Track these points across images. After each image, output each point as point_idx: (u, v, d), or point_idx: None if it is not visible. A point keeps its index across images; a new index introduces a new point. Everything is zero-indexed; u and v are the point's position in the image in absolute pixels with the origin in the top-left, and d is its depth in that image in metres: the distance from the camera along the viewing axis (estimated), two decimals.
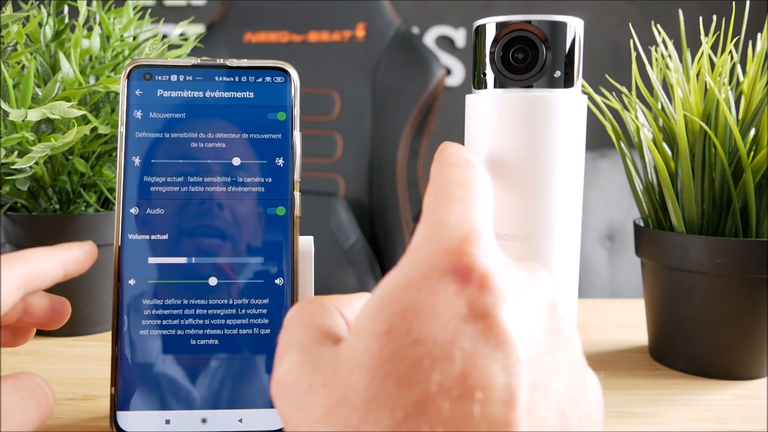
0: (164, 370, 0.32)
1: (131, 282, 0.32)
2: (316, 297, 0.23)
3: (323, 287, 1.25)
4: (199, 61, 0.34)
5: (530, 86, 0.33)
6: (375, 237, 1.41)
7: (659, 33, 0.48)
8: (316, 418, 0.19)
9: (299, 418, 0.20)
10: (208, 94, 0.34)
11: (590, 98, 0.44)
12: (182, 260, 0.33)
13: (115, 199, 0.33)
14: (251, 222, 0.33)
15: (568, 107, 0.33)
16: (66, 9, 0.53)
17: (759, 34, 0.45)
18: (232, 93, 0.34)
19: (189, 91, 0.34)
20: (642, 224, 0.49)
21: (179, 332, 0.32)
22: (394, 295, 0.19)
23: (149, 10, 0.62)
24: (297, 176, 0.34)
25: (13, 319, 0.31)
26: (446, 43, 2.17)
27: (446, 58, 2.16)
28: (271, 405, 0.32)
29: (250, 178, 0.33)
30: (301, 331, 0.22)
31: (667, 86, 0.48)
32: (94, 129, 0.50)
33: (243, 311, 0.32)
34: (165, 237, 0.33)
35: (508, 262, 0.21)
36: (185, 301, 0.32)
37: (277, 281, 0.33)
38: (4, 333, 0.32)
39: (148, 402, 0.31)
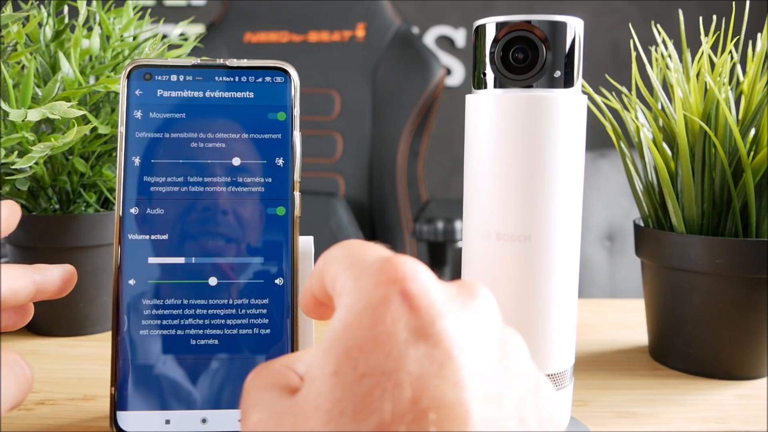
0: (164, 370, 0.32)
1: (131, 282, 0.32)
2: (266, 362, 0.24)
3: None
4: (199, 61, 0.34)
5: (530, 86, 0.33)
6: (375, 237, 1.41)
7: (659, 33, 0.48)
8: None
9: None
10: (208, 94, 0.34)
11: (590, 98, 0.44)
12: (182, 260, 0.33)
13: (115, 199, 0.33)
14: (251, 222, 0.33)
15: (568, 107, 0.32)
16: (66, 9, 0.53)
17: (759, 34, 0.45)
18: (232, 93, 0.34)
19: (189, 91, 0.34)
20: (642, 224, 0.49)
21: (179, 332, 0.32)
22: (336, 338, 0.20)
23: (149, 10, 0.62)
24: (297, 176, 0.34)
25: None
26: (446, 43, 2.17)
27: (446, 58, 2.16)
28: None
29: (250, 178, 0.33)
30: (258, 393, 0.22)
31: (667, 86, 0.48)
32: (94, 129, 0.50)
33: (243, 311, 0.32)
34: (165, 237, 0.33)
35: (438, 282, 0.21)
36: (185, 301, 0.32)
37: (277, 281, 0.33)
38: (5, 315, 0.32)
39: (148, 402, 0.31)
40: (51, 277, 0.31)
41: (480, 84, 0.34)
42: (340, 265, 0.22)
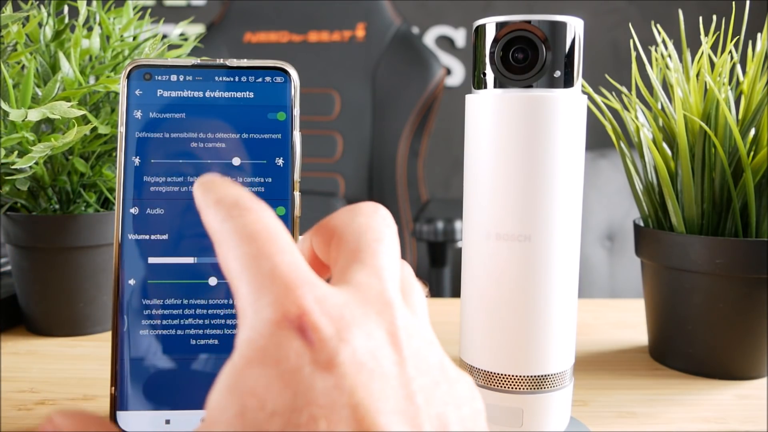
0: (164, 370, 0.32)
1: (131, 282, 0.32)
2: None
3: None
4: (199, 61, 0.34)
5: (530, 86, 0.33)
6: None
7: (659, 33, 0.48)
8: None
9: None
10: (208, 94, 0.34)
11: (590, 98, 0.44)
12: (182, 260, 0.33)
13: (115, 199, 0.33)
14: None
15: (568, 107, 0.33)
16: (66, 9, 0.53)
17: (759, 34, 0.45)
18: (232, 93, 0.34)
19: (189, 91, 0.34)
20: (642, 224, 0.49)
21: (179, 332, 0.32)
22: (239, 376, 0.19)
23: (149, 10, 0.62)
24: (297, 176, 0.33)
25: None
26: (446, 43, 2.17)
27: (446, 58, 2.16)
28: None
29: (250, 178, 0.33)
30: None
31: (667, 86, 0.48)
32: (94, 129, 0.50)
33: None
34: (165, 237, 0.33)
35: (335, 294, 0.20)
36: (185, 301, 0.32)
37: None
38: None
39: (148, 402, 0.31)
40: None
41: (480, 84, 0.34)
42: (237, 273, 0.21)
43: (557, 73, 0.33)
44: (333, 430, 0.17)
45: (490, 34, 0.33)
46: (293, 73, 0.34)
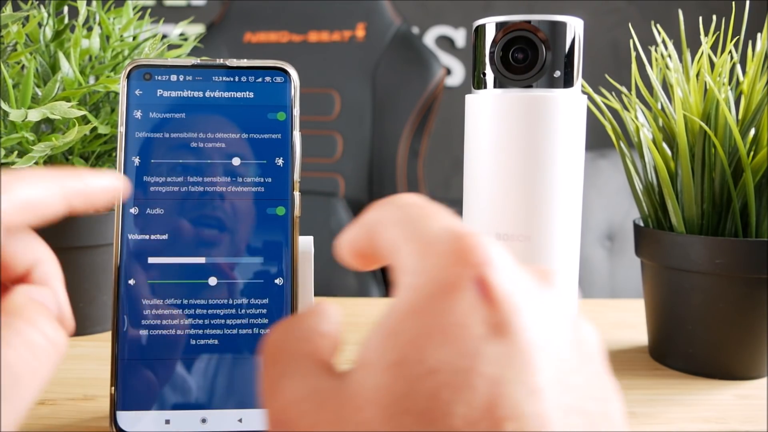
0: (164, 370, 0.32)
1: (131, 282, 0.32)
2: (287, 322, 0.21)
3: (323, 287, 1.25)
4: (198, 61, 0.34)
5: (530, 86, 0.33)
6: None
7: (659, 33, 0.48)
8: None
9: None
10: (208, 94, 0.34)
11: (590, 98, 0.44)
12: (182, 260, 0.33)
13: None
14: (251, 222, 0.33)
15: (567, 107, 0.32)
16: (66, 9, 0.53)
17: (759, 34, 0.45)
18: (232, 93, 0.34)
19: (189, 91, 0.34)
20: (642, 224, 0.49)
21: (179, 332, 0.32)
22: (401, 323, 0.17)
23: (149, 10, 0.62)
24: (297, 176, 0.33)
25: None
26: (446, 43, 2.17)
27: (446, 58, 2.16)
28: None
29: (250, 178, 0.33)
30: (291, 361, 0.19)
31: (667, 86, 0.48)
32: (94, 129, 0.50)
33: (243, 311, 0.32)
34: (165, 237, 0.33)
35: (517, 267, 0.18)
36: (185, 301, 0.32)
37: (277, 281, 0.33)
38: None
39: (148, 402, 0.31)
40: (89, 187, 0.24)
41: (480, 84, 0.34)
42: (400, 233, 0.19)
43: (557, 73, 0.33)
44: (493, 407, 0.16)
45: (490, 34, 0.33)
46: (293, 73, 0.34)
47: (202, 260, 0.33)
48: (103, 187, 0.25)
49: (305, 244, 0.35)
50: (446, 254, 0.18)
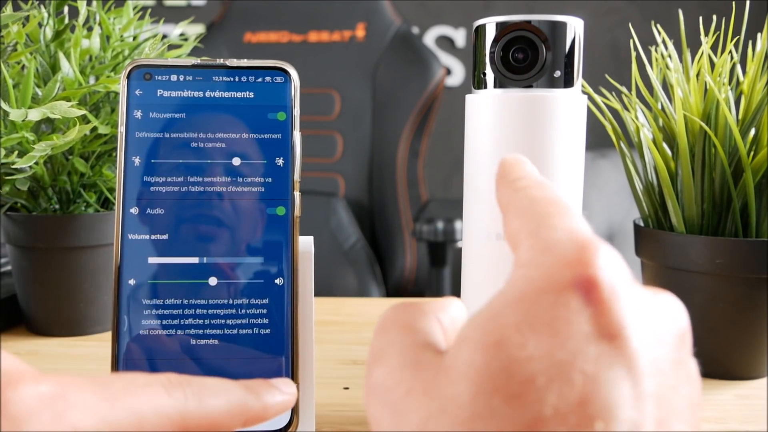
0: (164, 369, 0.32)
1: (131, 282, 0.32)
2: (411, 301, 0.22)
3: (323, 287, 1.25)
4: (199, 61, 0.34)
5: (530, 86, 0.33)
6: (375, 237, 1.41)
7: (659, 33, 0.48)
8: (411, 427, 0.18)
9: (393, 424, 0.18)
10: (208, 94, 0.34)
11: (590, 98, 0.44)
12: (182, 260, 0.33)
13: (115, 199, 0.33)
14: (251, 222, 0.33)
15: (568, 107, 0.33)
16: (66, 9, 0.53)
17: (759, 34, 0.45)
18: (232, 93, 0.34)
19: (189, 91, 0.34)
20: (642, 224, 0.49)
21: (179, 332, 0.32)
22: (507, 307, 0.17)
23: (149, 10, 0.62)
24: (297, 176, 0.33)
25: None
26: (446, 43, 2.17)
27: (446, 58, 2.16)
28: None
29: (250, 178, 0.33)
30: (399, 333, 0.20)
31: (667, 86, 0.48)
32: (94, 129, 0.50)
33: (243, 311, 0.32)
34: (165, 237, 0.33)
35: (632, 278, 0.19)
36: (185, 301, 0.32)
37: (277, 281, 0.33)
38: None
39: None
40: (266, 409, 0.26)
41: (480, 84, 0.34)
42: (524, 225, 0.20)
43: (557, 73, 0.33)
44: (586, 404, 0.16)
45: (490, 34, 0.33)
46: (293, 73, 0.34)
47: (202, 260, 0.33)
48: (278, 406, 0.27)
49: (305, 244, 0.35)
50: (565, 255, 0.18)
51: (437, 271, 1.27)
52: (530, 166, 0.23)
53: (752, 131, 0.45)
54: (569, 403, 0.16)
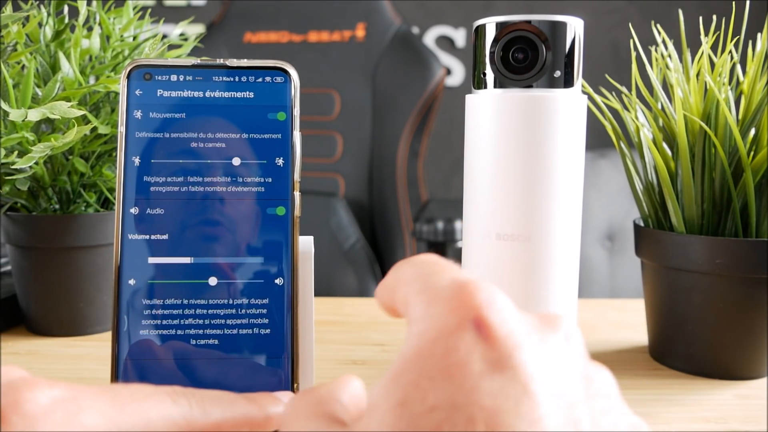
0: (164, 370, 0.32)
1: (131, 282, 0.32)
2: (306, 391, 0.23)
3: (323, 287, 1.26)
4: (199, 61, 0.34)
5: (530, 86, 0.33)
6: (375, 237, 1.41)
7: (659, 33, 0.48)
8: None
9: None
10: (208, 94, 0.34)
11: (590, 98, 0.44)
12: (182, 260, 0.33)
13: (115, 199, 0.33)
14: (251, 222, 0.33)
15: (568, 107, 0.32)
16: (66, 9, 0.53)
17: (759, 34, 0.45)
18: (232, 93, 0.34)
19: (189, 91, 0.34)
20: (642, 224, 0.49)
21: (179, 332, 0.32)
22: (406, 365, 0.18)
23: (149, 10, 0.62)
24: (297, 176, 0.33)
25: None
26: (446, 43, 2.17)
27: (446, 58, 2.16)
28: None
29: (250, 178, 0.33)
30: (307, 422, 0.21)
31: (667, 86, 0.48)
32: (94, 129, 0.50)
33: (243, 311, 0.32)
34: (165, 237, 0.33)
35: (518, 312, 0.19)
36: (185, 301, 0.32)
37: (277, 281, 0.33)
38: None
39: None
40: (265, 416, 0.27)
41: (480, 84, 0.34)
42: (412, 288, 0.21)
43: (557, 73, 0.33)
44: None
45: (491, 34, 0.33)
46: (293, 73, 0.34)
47: (202, 260, 0.33)
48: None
49: (305, 244, 0.35)
50: (449, 300, 0.19)
51: None
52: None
53: (752, 131, 0.45)
54: None
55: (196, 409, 0.25)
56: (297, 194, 0.33)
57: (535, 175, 0.32)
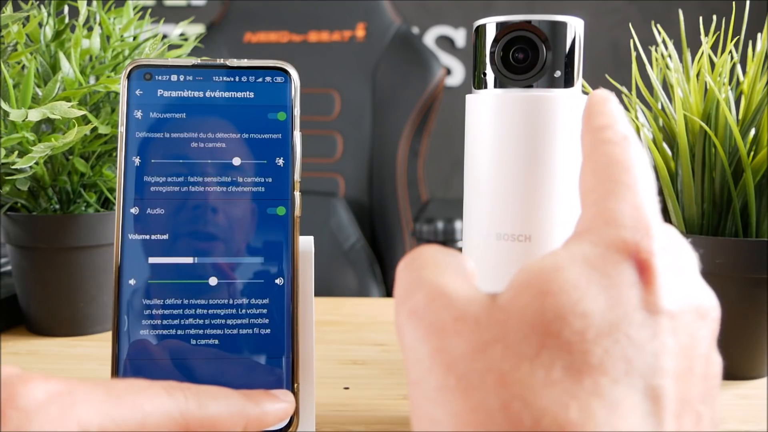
0: (164, 369, 0.32)
1: (131, 282, 0.32)
2: (436, 246, 0.23)
3: (323, 287, 1.25)
4: (199, 61, 0.34)
5: (530, 86, 0.33)
6: (375, 237, 1.41)
7: (659, 33, 0.48)
8: (459, 351, 0.18)
9: (435, 349, 0.19)
10: (208, 94, 0.34)
11: None
12: (182, 260, 0.33)
13: (115, 199, 0.33)
14: (251, 222, 0.33)
15: (568, 107, 0.33)
16: (66, 9, 0.53)
17: (759, 34, 0.45)
18: (232, 93, 0.34)
19: (189, 91, 0.34)
20: None
21: (179, 332, 0.32)
22: (569, 263, 0.19)
23: (149, 10, 0.62)
24: (297, 176, 0.33)
25: None
26: (446, 43, 2.17)
27: (446, 58, 2.16)
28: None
29: (251, 178, 0.33)
30: (429, 268, 0.21)
31: (667, 86, 0.48)
32: (94, 129, 0.50)
33: (243, 311, 0.32)
34: (165, 237, 0.33)
35: (682, 268, 0.20)
36: (185, 301, 0.32)
37: (277, 281, 0.33)
38: None
39: None
40: (266, 414, 0.28)
41: (480, 84, 0.34)
42: (597, 188, 0.22)
43: (557, 73, 0.33)
44: (628, 362, 0.17)
45: (491, 34, 0.33)
46: (293, 73, 0.34)
47: (202, 260, 0.33)
48: (277, 413, 0.28)
49: (305, 244, 0.35)
50: (625, 233, 0.20)
51: None
52: (617, 107, 0.24)
53: (752, 131, 0.45)
54: (615, 358, 0.17)
55: (191, 402, 0.25)
56: (297, 194, 0.33)
57: (535, 175, 0.32)
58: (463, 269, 0.22)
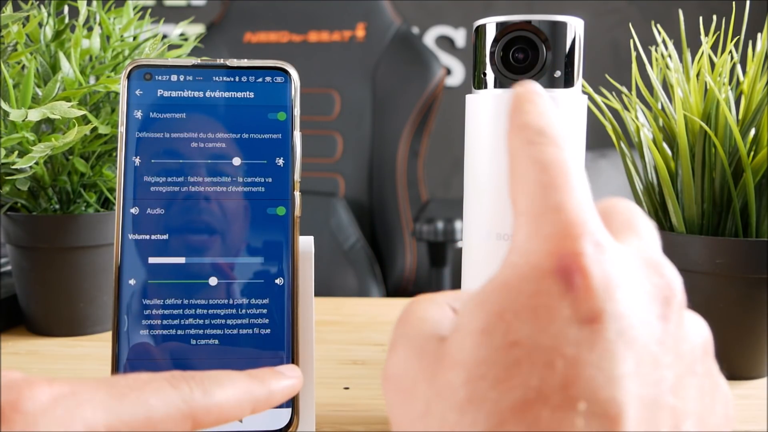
0: (165, 369, 0.32)
1: (131, 282, 0.32)
2: (429, 294, 0.23)
3: (323, 287, 1.25)
4: (199, 61, 0.34)
5: None
6: (375, 237, 1.41)
7: (659, 33, 0.48)
8: (416, 414, 0.19)
9: (402, 413, 0.20)
10: (208, 94, 0.34)
11: (590, 98, 0.44)
12: (182, 260, 0.33)
13: (115, 199, 0.33)
14: (252, 222, 0.33)
15: (568, 107, 0.33)
16: (66, 9, 0.53)
17: (759, 34, 0.45)
18: (232, 93, 0.34)
19: (189, 91, 0.34)
20: None
21: (179, 332, 0.32)
22: (492, 295, 0.18)
23: (149, 10, 0.62)
24: (297, 176, 0.33)
25: None
26: (446, 43, 2.17)
27: (446, 58, 2.16)
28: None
29: (251, 178, 0.33)
30: (411, 324, 0.21)
31: (667, 86, 0.48)
32: (94, 129, 0.50)
33: (243, 311, 0.32)
34: (165, 237, 0.33)
35: (620, 258, 0.18)
36: (185, 301, 0.32)
37: (277, 281, 0.33)
38: None
39: None
40: (273, 393, 0.27)
41: (480, 84, 0.34)
42: (524, 196, 0.20)
43: (557, 73, 0.33)
44: (568, 386, 0.16)
45: (491, 34, 0.33)
46: (293, 73, 0.34)
47: (202, 260, 0.33)
48: (284, 390, 0.28)
49: (305, 244, 0.35)
50: (550, 240, 0.18)
51: (437, 271, 1.27)
52: (546, 101, 0.22)
53: (752, 131, 0.45)
54: (551, 386, 0.16)
55: (196, 391, 0.24)
56: (297, 194, 0.33)
57: None
58: (440, 319, 0.21)
